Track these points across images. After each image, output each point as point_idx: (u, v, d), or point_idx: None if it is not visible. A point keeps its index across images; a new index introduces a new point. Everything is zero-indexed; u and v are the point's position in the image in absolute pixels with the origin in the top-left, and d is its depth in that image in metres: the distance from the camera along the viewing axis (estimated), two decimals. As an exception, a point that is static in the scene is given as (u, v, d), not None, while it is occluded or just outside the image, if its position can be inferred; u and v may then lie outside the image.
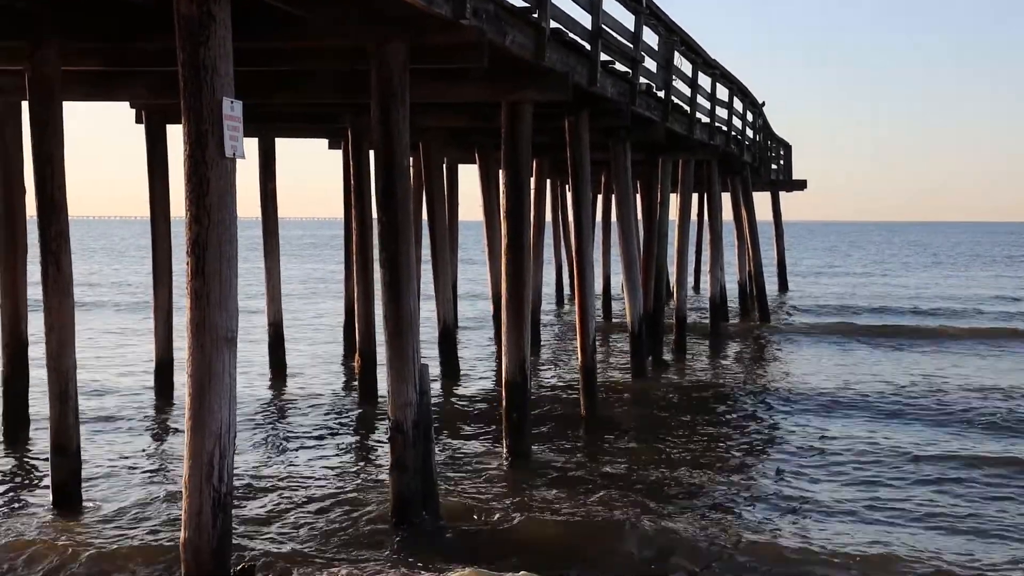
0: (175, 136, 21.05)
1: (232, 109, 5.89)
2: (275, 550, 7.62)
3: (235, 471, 6.13)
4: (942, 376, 15.81)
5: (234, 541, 6.28)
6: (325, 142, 16.72)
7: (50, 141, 8.32)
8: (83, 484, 8.73)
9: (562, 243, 28.87)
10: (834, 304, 29.00)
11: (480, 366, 17.02)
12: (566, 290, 28.75)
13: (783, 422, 12.45)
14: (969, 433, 11.81)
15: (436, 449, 8.40)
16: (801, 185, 32.23)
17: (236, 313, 5.93)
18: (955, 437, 11.59)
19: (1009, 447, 11.06)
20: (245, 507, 8.61)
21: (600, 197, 26.22)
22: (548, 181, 22.53)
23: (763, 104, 24.82)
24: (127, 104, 12.75)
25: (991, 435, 11.69)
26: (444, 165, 17.42)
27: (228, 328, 5.87)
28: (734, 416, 12.95)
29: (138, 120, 13.15)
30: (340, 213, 16.24)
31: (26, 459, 10.37)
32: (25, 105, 9.00)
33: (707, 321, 21.87)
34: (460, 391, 14.59)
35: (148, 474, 9.94)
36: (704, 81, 17.47)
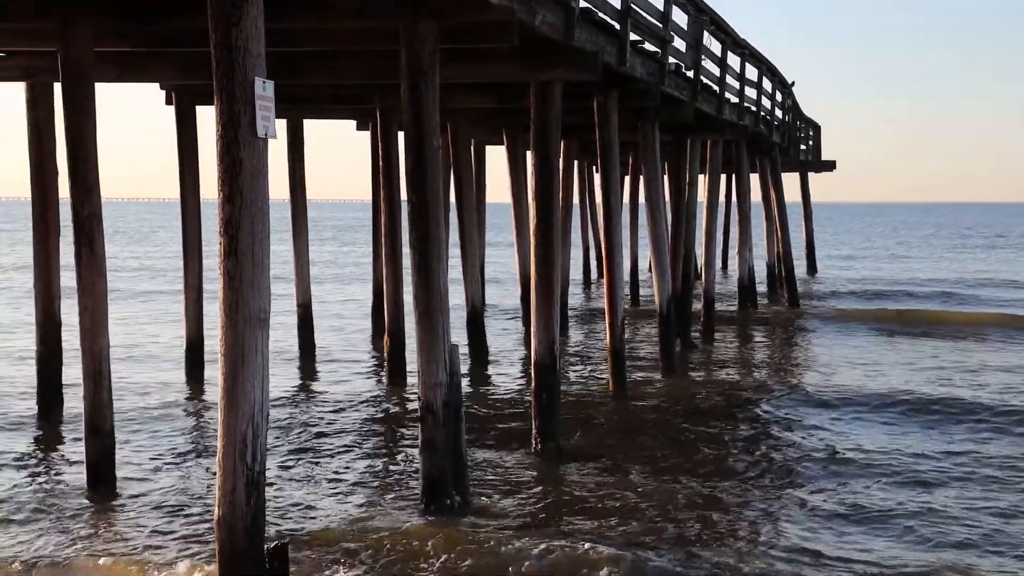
0: (204, 117, 21.14)
1: (264, 89, 5.90)
2: (306, 529, 7.68)
3: (266, 450, 6.15)
4: (985, 369, 14.89)
5: (267, 519, 6.31)
6: (352, 124, 16.73)
7: (82, 122, 8.37)
8: (116, 464, 8.80)
9: (589, 225, 28.82)
10: (864, 289, 28.64)
11: (507, 348, 17.03)
12: (593, 273, 28.72)
13: (819, 423, 11.43)
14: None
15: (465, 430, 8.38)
16: (830, 166, 31.99)
17: (269, 293, 5.95)
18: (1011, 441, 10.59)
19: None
20: (277, 486, 8.67)
21: (627, 178, 26.13)
22: (575, 162, 22.47)
23: (792, 84, 24.63)
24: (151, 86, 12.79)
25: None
26: (472, 146, 17.41)
27: (261, 308, 5.88)
28: (765, 412, 12.24)
29: (168, 101, 13.18)
30: (362, 195, 16.26)
31: (60, 438, 10.48)
32: (57, 86, 9.06)
33: (734, 305, 21.74)
34: (488, 373, 14.61)
35: (180, 454, 10.01)
36: (733, 61, 17.35)
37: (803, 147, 30.61)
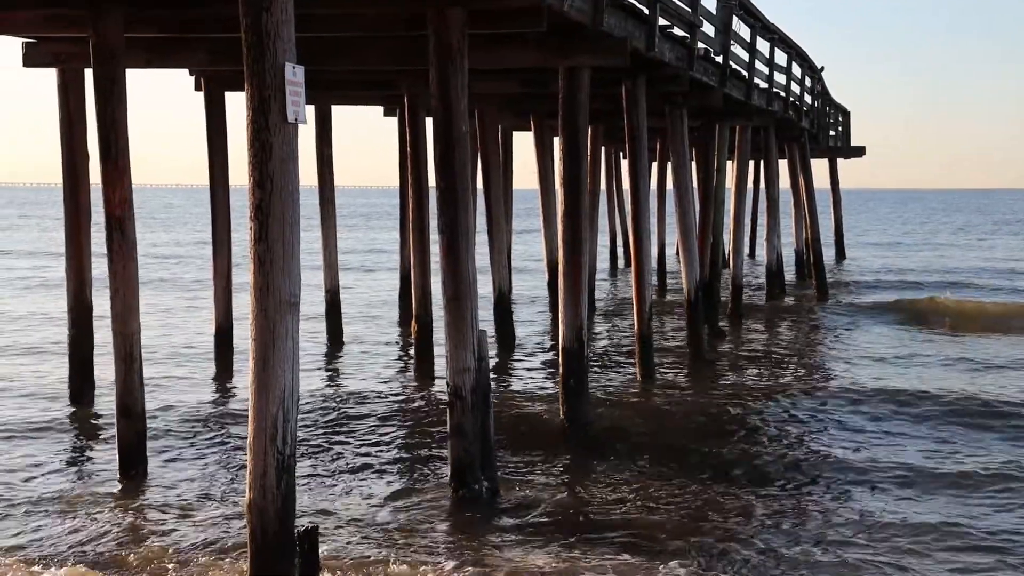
0: (233, 103, 21.19)
1: (294, 74, 5.91)
2: (336, 514, 7.72)
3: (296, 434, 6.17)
4: (1017, 364, 14.18)
5: (296, 503, 6.34)
6: (379, 109, 16.74)
7: (114, 107, 8.43)
8: (147, 448, 8.87)
9: (616, 211, 28.76)
10: (893, 277, 28.24)
11: (534, 335, 17.03)
12: (620, 261, 28.65)
13: (848, 419, 11.01)
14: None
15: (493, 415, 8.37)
16: (859, 152, 31.76)
17: (299, 278, 5.97)
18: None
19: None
20: (306, 471, 8.71)
21: (655, 164, 26.03)
22: (603, 148, 22.41)
23: (822, 69, 24.43)
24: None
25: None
26: (499, 132, 17.39)
27: (291, 292, 5.91)
28: (793, 403, 11.84)
29: (197, 87, 13.22)
30: (388, 182, 16.25)
31: (91, 422, 10.58)
32: (89, 72, 9.11)
33: (763, 292, 21.59)
34: (516, 359, 14.62)
35: (210, 438, 10.08)
36: (762, 46, 17.23)
37: (832, 133, 30.39)
